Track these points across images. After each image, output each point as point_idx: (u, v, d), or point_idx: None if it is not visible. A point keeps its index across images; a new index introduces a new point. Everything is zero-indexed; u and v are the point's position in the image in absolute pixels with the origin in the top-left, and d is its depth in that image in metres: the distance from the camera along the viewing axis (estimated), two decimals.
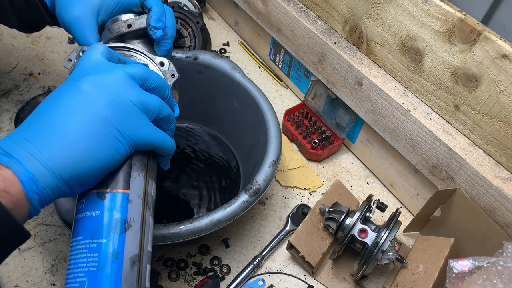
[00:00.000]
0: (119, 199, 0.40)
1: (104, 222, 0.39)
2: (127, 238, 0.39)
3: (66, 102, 0.38)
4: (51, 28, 0.96)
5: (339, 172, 0.79)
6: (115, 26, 0.50)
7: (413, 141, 0.63)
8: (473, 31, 0.51)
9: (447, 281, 0.51)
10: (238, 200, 0.55)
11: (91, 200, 0.40)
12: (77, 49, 0.48)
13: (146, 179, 0.42)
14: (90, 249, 0.38)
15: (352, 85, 0.70)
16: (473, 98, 0.55)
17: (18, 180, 0.35)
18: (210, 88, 0.74)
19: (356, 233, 0.59)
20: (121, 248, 0.38)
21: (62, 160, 0.36)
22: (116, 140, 0.38)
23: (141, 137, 0.40)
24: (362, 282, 0.64)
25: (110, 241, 0.38)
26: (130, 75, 0.41)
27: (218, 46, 0.99)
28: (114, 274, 0.37)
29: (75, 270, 0.37)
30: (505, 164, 0.56)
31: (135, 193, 0.41)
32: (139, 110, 0.40)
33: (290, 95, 0.91)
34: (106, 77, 0.40)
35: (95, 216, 0.39)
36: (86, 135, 0.37)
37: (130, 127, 0.39)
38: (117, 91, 0.39)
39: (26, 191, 0.35)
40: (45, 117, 0.38)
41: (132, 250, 0.39)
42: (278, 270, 0.66)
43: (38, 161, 0.36)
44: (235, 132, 0.77)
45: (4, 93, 0.83)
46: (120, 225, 0.39)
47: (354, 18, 0.67)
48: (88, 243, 0.38)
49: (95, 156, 0.38)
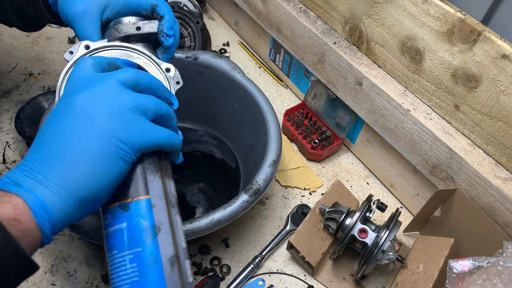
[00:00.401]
0: (142, 206, 0.40)
1: (134, 231, 0.39)
2: (160, 241, 0.39)
3: (64, 124, 0.38)
4: (51, 28, 0.96)
5: (339, 172, 0.79)
6: (123, 27, 0.50)
7: (413, 141, 0.63)
8: (473, 31, 0.51)
9: (447, 281, 0.51)
10: (238, 200, 0.55)
11: (115, 213, 0.40)
12: (80, 42, 0.48)
13: (162, 179, 0.42)
14: (128, 260, 0.38)
15: (352, 85, 0.70)
16: (473, 98, 0.55)
17: (28, 209, 0.34)
18: (210, 88, 0.74)
19: (356, 233, 0.59)
20: (157, 253, 0.38)
21: (71, 184, 0.36)
22: (120, 150, 0.38)
23: (145, 140, 0.40)
24: (362, 282, 0.64)
25: (145, 248, 0.38)
26: (120, 81, 0.41)
27: (218, 46, 0.99)
28: (157, 278, 0.37)
29: (119, 283, 0.38)
30: (505, 164, 0.56)
31: (156, 196, 0.41)
32: (137, 114, 0.40)
33: (290, 95, 0.91)
34: (97, 89, 0.39)
35: (123, 228, 0.39)
36: (90, 152, 0.37)
37: (131, 133, 0.39)
38: (110, 101, 0.39)
39: (37, 219, 0.34)
40: (47, 144, 0.38)
41: (168, 251, 0.39)
42: (278, 270, 0.66)
43: (47, 188, 0.35)
44: (235, 132, 0.77)
45: (4, 93, 0.83)
46: (151, 231, 0.39)
47: (354, 18, 0.67)
48: (124, 255, 0.38)
49: (102, 172, 0.37)
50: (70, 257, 0.64)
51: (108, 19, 0.53)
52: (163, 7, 0.52)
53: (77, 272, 0.63)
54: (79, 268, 0.63)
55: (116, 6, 0.52)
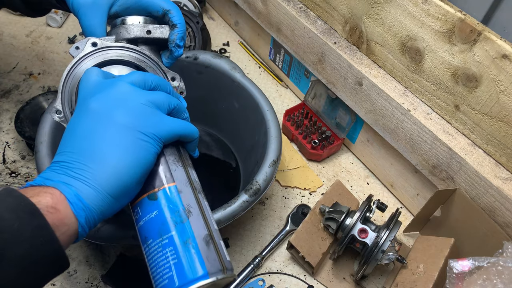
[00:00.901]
0: (170, 193, 0.41)
1: (166, 217, 0.40)
2: (192, 223, 0.40)
3: (86, 125, 0.40)
4: (51, 28, 0.96)
5: (339, 172, 0.79)
6: (133, 28, 0.50)
7: (413, 141, 0.63)
8: (473, 31, 0.51)
9: (447, 281, 0.51)
10: (238, 200, 0.55)
11: (144, 205, 0.41)
12: (88, 38, 0.48)
13: (185, 168, 0.44)
14: (164, 245, 0.39)
15: (352, 85, 0.70)
16: (473, 98, 0.55)
17: (65, 198, 0.36)
18: (210, 88, 0.74)
19: (356, 233, 0.59)
20: (191, 233, 0.40)
21: (102, 177, 0.38)
22: (144, 142, 0.40)
23: (165, 130, 0.42)
24: (362, 282, 0.64)
25: (178, 231, 0.40)
26: (130, 82, 0.42)
27: (218, 46, 0.99)
28: (195, 258, 0.39)
29: (159, 269, 0.39)
30: (505, 164, 0.56)
31: (181, 183, 0.42)
32: (152, 107, 0.42)
33: (290, 95, 0.91)
34: (110, 91, 0.41)
35: (155, 216, 0.40)
36: (116, 146, 0.39)
37: (151, 125, 0.41)
38: (125, 99, 0.41)
39: (73, 208, 0.36)
40: (72, 145, 0.39)
41: (202, 231, 0.40)
42: (278, 270, 0.66)
43: (80, 182, 0.37)
44: (235, 132, 0.77)
45: (4, 93, 0.83)
46: (182, 214, 0.40)
47: (354, 18, 0.67)
48: (159, 241, 0.40)
49: (130, 163, 0.39)
50: (70, 257, 0.64)
51: (116, 13, 0.52)
52: (177, 15, 0.52)
53: (77, 272, 0.63)
54: (79, 268, 0.63)
55: (126, 2, 0.52)
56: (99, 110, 0.40)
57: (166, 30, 0.51)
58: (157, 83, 0.45)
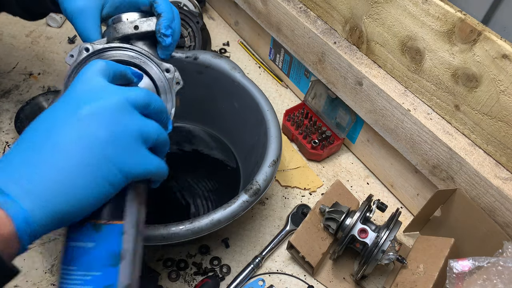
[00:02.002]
0: (114, 231, 0.39)
1: (99, 255, 0.38)
2: (121, 269, 0.39)
3: (66, 134, 0.37)
4: (51, 28, 0.96)
5: (339, 172, 0.79)
6: (121, 26, 0.50)
7: (413, 141, 0.63)
8: (473, 31, 0.51)
9: (447, 281, 0.51)
10: (238, 200, 0.55)
11: (86, 230, 0.39)
12: (80, 45, 0.47)
13: (139, 206, 0.42)
14: (86, 281, 0.37)
15: (352, 85, 0.70)
16: (473, 98, 0.55)
17: (11, 221, 0.33)
18: (210, 88, 0.74)
19: (356, 233, 0.59)
20: (115, 280, 0.38)
21: (60, 200, 0.35)
22: (113, 176, 0.38)
23: (139, 170, 0.39)
24: (362, 282, 0.64)
25: (105, 274, 0.38)
26: (131, 102, 0.40)
27: (218, 46, 0.99)
28: None
29: None
30: (505, 164, 0.56)
31: (129, 223, 0.40)
32: (139, 141, 0.39)
33: (290, 95, 0.91)
34: (106, 105, 0.38)
35: (90, 247, 0.38)
36: (84, 173, 0.36)
37: (128, 162, 0.38)
38: (117, 124, 0.38)
39: (19, 231, 0.33)
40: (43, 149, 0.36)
41: (125, 280, 0.39)
42: (278, 270, 0.65)
43: (33, 200, 0.34)
44: (235, 132, 0.77)
45: (4, 93, 0.83)
46: (115, 257, 0.38)
47: (354, 18, 0.67)
48: (82, 275, 0.38)
49: (91, 194, 0.37)
50: None
51: (108, 14, 0.52)
52: (161, 3, 0.50)
53: None
54: None
55: (115, 1, 0.51)
56: (87, 124, 0.37)
57: (153, 22, 0.50)
58: (158, 110, 0.43)
